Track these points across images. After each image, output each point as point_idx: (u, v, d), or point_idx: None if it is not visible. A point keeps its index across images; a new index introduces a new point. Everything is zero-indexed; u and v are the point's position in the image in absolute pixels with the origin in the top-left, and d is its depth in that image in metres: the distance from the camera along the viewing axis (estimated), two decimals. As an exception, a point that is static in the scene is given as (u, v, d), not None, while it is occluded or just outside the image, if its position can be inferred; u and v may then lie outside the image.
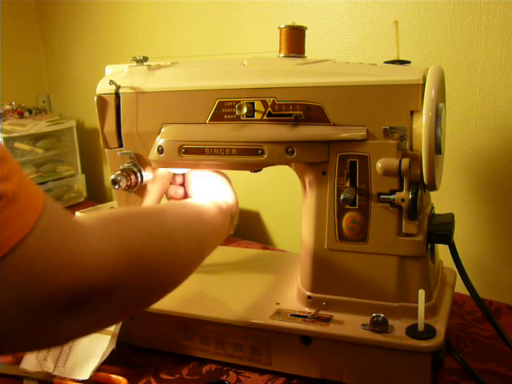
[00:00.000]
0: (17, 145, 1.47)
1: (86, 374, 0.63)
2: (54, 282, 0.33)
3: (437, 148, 0.58)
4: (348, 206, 0.63)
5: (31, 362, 0.65)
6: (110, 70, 0.76)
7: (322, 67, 0.65)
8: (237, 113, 0.65)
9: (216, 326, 0.67)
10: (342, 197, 0.60)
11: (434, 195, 0.71)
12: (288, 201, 1.18)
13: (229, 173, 0.76)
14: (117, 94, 0.73)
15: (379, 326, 0.59)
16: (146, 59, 0.73)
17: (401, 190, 0.60)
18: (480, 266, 0.90)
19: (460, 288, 0.70)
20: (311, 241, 0.65)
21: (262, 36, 1.14)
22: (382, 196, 0.61)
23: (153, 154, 0.71)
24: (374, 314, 0.60)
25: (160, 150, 0.70)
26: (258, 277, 0.77)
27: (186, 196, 0.75)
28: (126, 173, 0.72)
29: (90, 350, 0.65)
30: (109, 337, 0.65)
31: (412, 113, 0.60)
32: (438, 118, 0.58)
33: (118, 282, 0.39)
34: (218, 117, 0.67)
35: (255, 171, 0.71)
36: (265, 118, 0.65)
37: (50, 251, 0.33)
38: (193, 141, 0.68)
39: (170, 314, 0.69)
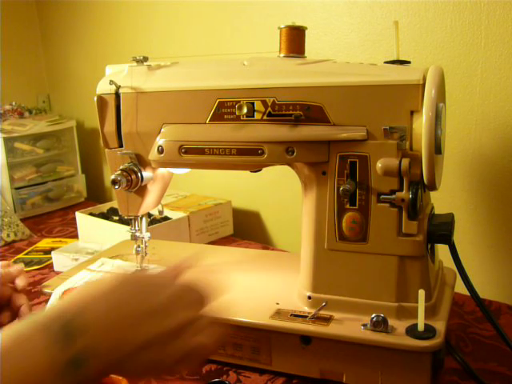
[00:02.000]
0: (17, 145, 1.47)
1: None
2: None
3: (437, 148, 0.58)
4: (348, 206, 0.63)
5: None
6: (110, 70, 0.76)
7: (322, 67, 0.65)
8: (237, 113, 0.65)
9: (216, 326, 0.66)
10: (341, 188, 0.61)
11: (433, 195, 0.71)
12: (288, 201, 1.18)
13: (229, 173, 0.76)
14: (117, 94, 0.73)
15: (379, 325, 0.59)
16: (146, 59, 0.73)
17: (401, 190, 0.60)
18: (480, 266, 0.90)
19: (460, 288, 0.70)
20: (311, 241, 0.65)
21: (261, 36, 1.14)
22: (382, 196, 0.61)
23: (153, 154, 0.71)
24: (373, 314, 0.60)
25: (160, 150, 0.70)
26: (258, 277, 0.77)
27: None
28: (126, 173, 0.72)
29: None
30: None
31: (412, 113, 0.60)
32: (438, 118, 0.58)
33: None
34: (217, 117, 0.67)
35: (255, 171, 0.71)
36: (265, 117, 0.65)
37: None
38: (193, 141, 0.68)
39: (170, 314, 0.68)
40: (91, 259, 0.87)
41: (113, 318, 0.41)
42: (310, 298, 0.66)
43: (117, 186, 0.71)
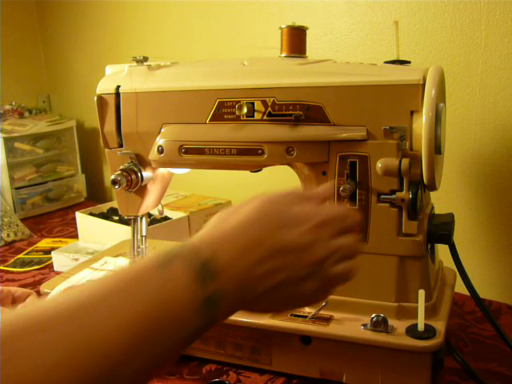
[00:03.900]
0: (17, 145, 1.47)
1: None
2: None
3: (437, 148, 0.58)
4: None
5: None
6: (110, 70, 0.76)
7: (322, 67, 0.65)
8: (237, 113, 0.65)
9: (216, 325, 0.66)
10: (341, 188, 0.61)
11: (433, 195, 0.71)
12: (288, 201, 1.17)
13: (229, 173, 0.76)
14: (117, 94, 0.73)
15: (379, 325, 0.59)
16: (146, 59, 0.73)
17: (401, 190, 0.60)
18: (480, 266, 0.90)
19: (460, 288, 0.70)
20: (311, 241, 0.65)
21: (261, 36, 1.14)
22: (382, 196, 0.61)
23: (153, 154, 0.71)
24: (373, 314, 0.60)
25: (160, 150, 0.70)
26: (258, 277, 0.77)
27: None
28: (126, 173, 0.72)
29: None
30: None
31: (412, 113, 0.60)
32: (438, 118, 0.58)
33: None
34: (218, 117, 0.67)
35: (255, 171, 0.71)
36: (265, 117, 0.65)
37: None
38: (193, 141, 0.68)
39: (170, 314, 0.68)
40: (91, 259, 0.87)
41: (244, 264, 0.40)
42: (309, 297, 0.66)
43: (117, 186, 0.71)
